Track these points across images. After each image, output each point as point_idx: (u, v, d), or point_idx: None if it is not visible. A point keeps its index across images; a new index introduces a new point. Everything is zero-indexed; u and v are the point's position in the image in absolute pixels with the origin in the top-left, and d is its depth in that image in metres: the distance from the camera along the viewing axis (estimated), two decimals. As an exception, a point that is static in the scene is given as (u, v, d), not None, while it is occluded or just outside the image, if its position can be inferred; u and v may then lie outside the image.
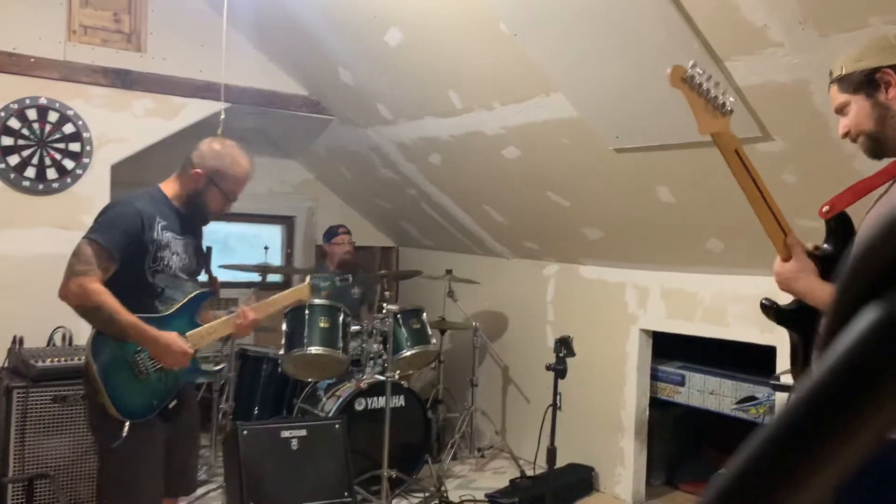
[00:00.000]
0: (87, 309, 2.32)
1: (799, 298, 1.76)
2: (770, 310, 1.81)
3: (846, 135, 1.72)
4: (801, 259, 1.72)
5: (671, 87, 1.69)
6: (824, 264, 1.73)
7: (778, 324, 1.84)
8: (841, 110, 1.72)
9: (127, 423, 2.33)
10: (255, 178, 6.24)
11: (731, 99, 1.72)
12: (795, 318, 1.78)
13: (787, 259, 1.73)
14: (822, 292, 1.68)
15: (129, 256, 2.36)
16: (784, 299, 1.81)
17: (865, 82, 1.65)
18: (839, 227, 1.78)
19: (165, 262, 2.44)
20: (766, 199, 1.72)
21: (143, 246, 2.39)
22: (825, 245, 1.80)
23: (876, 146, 1.68)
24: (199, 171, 2.50)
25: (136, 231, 2.37)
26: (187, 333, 2.45)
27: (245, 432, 3.42)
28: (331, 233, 5.10)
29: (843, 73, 1.68)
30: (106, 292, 2.30)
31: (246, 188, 2.67)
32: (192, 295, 2.52)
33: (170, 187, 2.55)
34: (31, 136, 3.89)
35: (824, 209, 1.76)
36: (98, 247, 2.31)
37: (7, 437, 3.12)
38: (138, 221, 2.37)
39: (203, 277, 2.73)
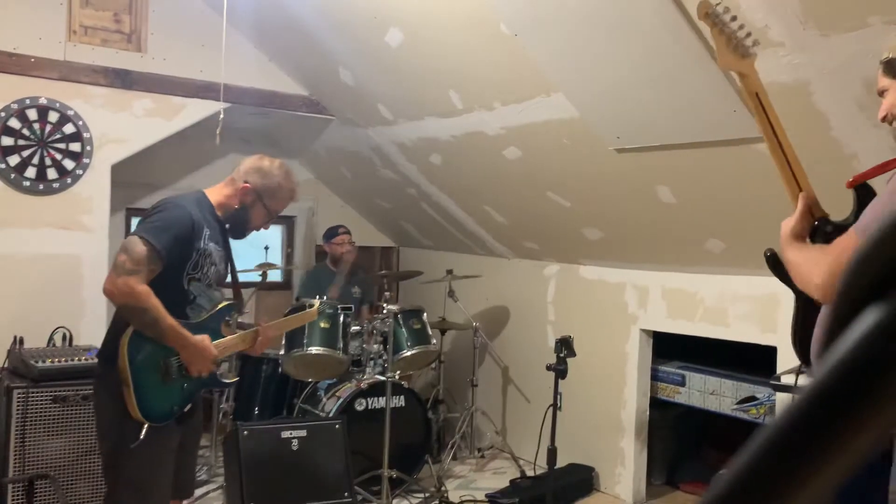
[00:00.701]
0: (133, 308, 2.31)
1: None
2: (769, 260, 1.85)
3: (884, 118, 1.73)
4: (794, 216, 1.76)
5: (670, 85, 1.72)
6: (841, 232, 1.76)
7: (774, 275, 1.87)
8: (881, 93, 1.74)
9: (146, 426, 2.33)
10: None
11: (757, 43, 1.79)
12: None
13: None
14: (790, 250, 1.72)
15: (172, 261, 2.37)
16: None
17: None
18: (862, 196, 1.80)
19: (204, 272, 2.47)
20: (784, 149, 1.76)
21: (188, 253, 2.40)
22: (850, 215, 1.83)
23: None
24: (248, 185, 2.54)
25: (187, 238, 2.39)
26: (213, 343, 2.47)
27: (245, 432, 3.42)
28: (331, 233, 5.10)
29: (890, 56, 1.69)
30: (151, 294, 2.30)
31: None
32: (221, 306, 2.55)
33: (215, 196, 2.57)
34: (32, 136, 3.89)
35: (849, 180, 1.80)
36: (151, 248, 2.31)
37: (7, 437, 3.12)
38: (190, 229, 2.39)
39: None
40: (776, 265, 1.84)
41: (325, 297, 2.99)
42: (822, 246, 1.69)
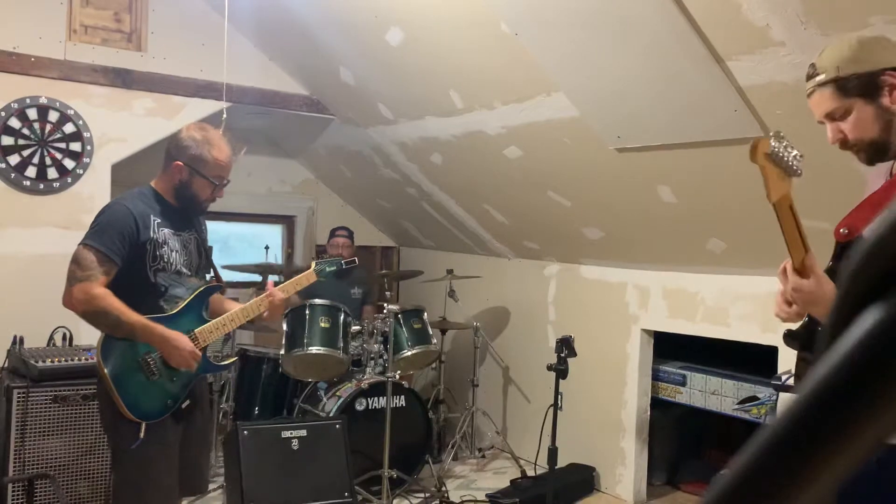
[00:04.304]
0: (94, 314, 2.32)
1: (812, 318, 1.63)
2: (794, 340, 1.67)
3: (841, 140, 1.60)
4: (823, 281, 1.52)
5: (670, 85, 1.66)
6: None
7: (804, 351, 1.71)
8: (835, 116, 1.59)
9: (143, 425, 2.34)
10: (255, 178, 6.26)
11: (801, 156, 1.54)
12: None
13: (805, 276, 1.54)
14: None
15: (128, 258, 2.36)
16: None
17: (866, 86, 1.55)
18: (850, 247, 1.61)
19: (166, 260, 2.44)
20: (802, 234, 1.56)
21: (142, 246, 2.38)
22: (831, 263, 1.67)
23: (876, 153, 1.59)
24: (179, 162, 2.47)
25: (131, 232, 2.37)
26: (196, 330, 2.45)
27: (245, 432, 3.42)
28: (330, 234, 5.13)
29: (840, 75, 1.56)
30: (110, 295, 2.30)
31: (243, 184, 2.66)
32: (198, 291, 2.52)
33: (160, 184, 2.54)
34: (32, 136, 3.89)
35: (842, 230, 1.60)
36: (96, 251, 2.32)
37: (7, 437, 3.11)
38: (132, 222, 2.37)
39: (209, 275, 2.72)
40: (802, 341, 1.66)
41: (322, 266, 2.85)
42: None
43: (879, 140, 1.58)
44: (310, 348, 4.00)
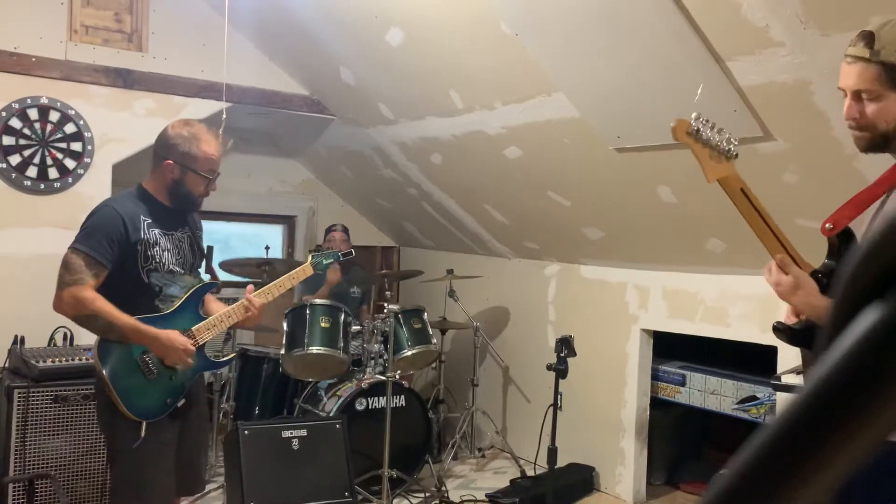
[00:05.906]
0: (84, 318, 2.33)
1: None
2: (783, 332, 1.69)
3: (855, 120, 1.56)
4: (796, 273, 1.59)
5: (670, 85, 1.67)
6: (829, 279, 1.62)
7: (791, 345, 1.73)
8: (863, 97, 1.53)
9: (144, 424, 2.35)
10: (255, 178, 6.25)
11: (736, 142, 1.64)
12: (809, 336, 1.66)
13: (784, 271, 1.62)
14: (819, 306, 1.57)
15: (119, 260, 2.36)
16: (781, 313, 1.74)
17: None
18: (842, 243, 1.63)
19: (157, 260, 2.43)
20: (769, 224, 1.63)
21: (132, 247, 2.38)
22: (827, 261, 1.67)
23: (876, 144, 1.57)
24: (169, 161, 2.46)
25: (119, 234, 2.36)
26: (193, 328, 2.45)
27: (246, 432, 3.42)
28: (326, 230, 5.13)
29: (894, 60, 1.46)
30: (99, 298, 2.29)
31: (243, 184, 2.66)
32: (193, 289, 2.52)
33: (150, 184, 2.52)
34: (33, 136, 3.89)
35: (827, 226, 1.61)
36: (84, 255, 2.31)
37: (8, 437, 3.12)
38: (120, 224, 2.37)
39: (206, 276, 2.72)
40: (791, 335, 1.67)
41: (319, 259, 2.83)
42: None
43: (888, 133, 1.54)
44: (310, 348, 4.00)
